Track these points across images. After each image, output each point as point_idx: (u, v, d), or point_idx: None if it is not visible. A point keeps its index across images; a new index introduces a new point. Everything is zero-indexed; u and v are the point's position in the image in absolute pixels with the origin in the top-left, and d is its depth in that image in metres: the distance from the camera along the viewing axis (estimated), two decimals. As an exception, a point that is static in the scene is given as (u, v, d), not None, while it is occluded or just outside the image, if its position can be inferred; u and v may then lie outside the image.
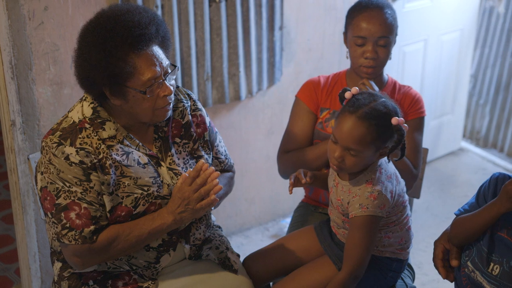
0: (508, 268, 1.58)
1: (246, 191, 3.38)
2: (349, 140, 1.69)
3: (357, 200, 1.75)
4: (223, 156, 1.99)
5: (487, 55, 4.32)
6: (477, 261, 1.64)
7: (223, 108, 3.07)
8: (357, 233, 1.75)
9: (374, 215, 1.74)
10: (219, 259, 1.92)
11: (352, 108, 1.71)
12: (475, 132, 4.52)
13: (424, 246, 3.05)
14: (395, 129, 1.71)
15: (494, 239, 1.62)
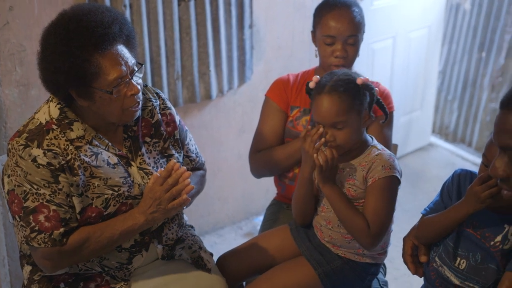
0: (474, 262, 1.60)
1: (219, 190, 3.38)
2: (330, 116, 1.74)
3: (378, 163, 1.76)
4: (194, 155, 1.99)
5: (455, 52, 4.40)
6: (444, 257, 1.67)
7: (194, 107, 3.06)
8: (381, 195, 1.75)
9: (397, 177, 1.76)
10: (192, 258, 1.92)
11: (319, 89, 1.77)
12: (444, 127, 4.59)
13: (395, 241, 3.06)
14: (363, 88, 1.77)
15: (460, 235, 1.64)
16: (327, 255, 1.91)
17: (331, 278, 1.89)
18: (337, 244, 1.89)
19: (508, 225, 1.56)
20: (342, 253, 1.89)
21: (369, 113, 1.81)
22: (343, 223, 1.80)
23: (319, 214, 1.93)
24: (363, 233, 1.75)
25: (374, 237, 1.75)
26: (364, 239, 1.77)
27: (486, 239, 1.59)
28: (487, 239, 1.59)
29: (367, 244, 1.78)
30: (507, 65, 4.06)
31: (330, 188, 1.79)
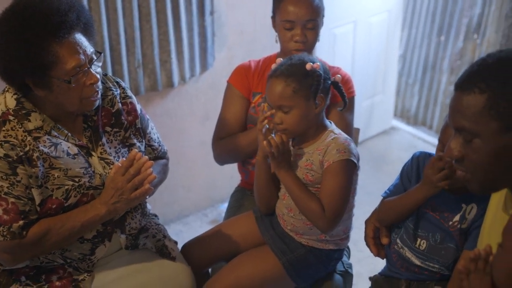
0: (434, 242, 1.64)
1: (183, 178, 3.36)
2: (275, 98, 1.76)
3: (333, 146, 1.77)
4: (156, 143, 1.97)
5: (414, 36, 4.45)
6: (405, 238, 1.70)
7: (156, 95, 3.03)
8: (335, 179, 1.76)
9: (352, 160, 1.77)
10: (156, 247, 1.91)
11: (271, 72, 1.80)
12: (405, 110, 4.65)
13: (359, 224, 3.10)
14: (311, 73, 1.77)
15: (419, 216, 1.67)
16: (290, 243, 1.92)
17: (296, 267, 1.91)
18: (300, 232, 1.91)
19: (465, 205, 1.60)
20: (305, 241, 1.91)
21: (324, 98, 1.81)
22: (298, 207, 1.82)
23: (280, 201, 1.94)
24: (318, 217, 1.77)
25: (330, 220, 1.77)
26: (319, 222, 1.78)
27: (445, 219, 1.62)
28: (446, 219, 1.62)
29: (323, 227, 1.79)
30: (465, 48, 4.14)
31: (284, 173, 1.80)
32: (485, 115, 1.23)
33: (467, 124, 1.26)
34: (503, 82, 1.21)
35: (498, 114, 1.22)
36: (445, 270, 1.65)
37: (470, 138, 1.27)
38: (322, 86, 1.80)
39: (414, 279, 1.70)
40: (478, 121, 1.24)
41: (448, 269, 1.64)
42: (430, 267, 1.66)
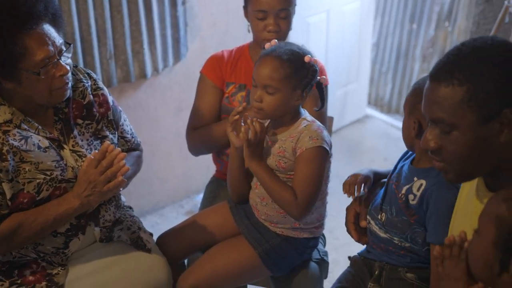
0: (390, 215, 1.67)
1: (158, 170, 3.35)
2: (265, 76, 1.74)
3: (306, 134, 1.77)
4: (129, 135, 1.96)
5: (387, 24, 4.48)
6: (372, 211, 1.73)
7: (129, 87, 3.00)
8: (308, 166, 1.76)
9: (324, 147, 1.78)
10: (131, 239, 1.90)
11: (268, 51, 1.79)
12: (379, 99, 4.69)
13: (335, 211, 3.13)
14: (308, 66, 1.78)
15: (388, 189, 1.70)
16: (265, 233, 1.93)
17: (271, 256, 1.91)
18: (274, 221, 1.91)
19: (417, 178, 1.62)
20: (280, 230, 1.92)
21: (306, 93, 1.81)
22: (271, 196, 1.82)
23: (253, 191, 1.94)
24: (290, 204, 1.77)
25: (302, 207, 1.77)
26: (292, 210, 1.79)
27: (399, 189, 1.66)
28: (399, 189, 1.66)
29: (295, 214, 1.80)
30: (437, 36, 4.18)
31: (257, 163, 1.80)
32: (463, 107, 1.22)
33: (445, 116, 1.25)
34: (481, 73, 1.21)
35: (477, 106, 1.21)
36: (404, 242, 1.67)
37: (448, 129, 1.26)
38: (311, 82, 1.81)
39: (385, 261, 1.72)
40: (456, 113, 1.23)
41: (407, 241, 1.66)
42: (391, 238, 1.69)
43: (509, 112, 1.20)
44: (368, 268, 1.77)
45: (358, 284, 1.76)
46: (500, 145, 1.23)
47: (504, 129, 1.22)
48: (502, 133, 1.22)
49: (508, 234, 1.06)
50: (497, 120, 1.21)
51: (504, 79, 1.20)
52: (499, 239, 1.07)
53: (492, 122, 1.22)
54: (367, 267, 1.78)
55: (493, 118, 1.21)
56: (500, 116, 1.21)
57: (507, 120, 1.21)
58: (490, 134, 1.23)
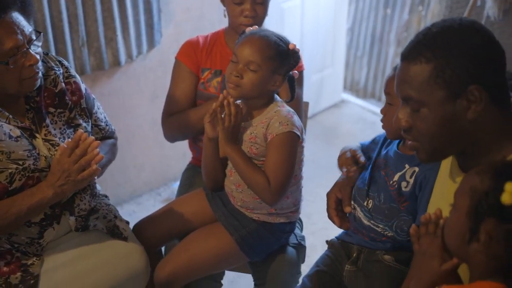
0: (378, 202, 1.68)
1: (134, 157, 3.32)
2: (250, 52, 1.74)
3: (276, 119, 1.78)
4: (103, 123, 1.93)
5: (362, 9, 4.48)
6: (357, 197, 1.74)
7: (102, 74, 2.97)
8: (278, 151, 1.77)
9: (295, 132, 1.78)
10: (107, 228, 1.89)
11: (254, 31, 1.80)
12: (355, 83, 4.71)
13: (312, 197, 3.16)
14: (292, 53, 1.79)
15: (373, 175, 1.71)
16: (242, 219, 1.93)
17: (248, 242, 1.92)
18: (250, 207, 1.92)
19: (408, 165, 1.63)
20: (256, 216, 1.92)
21: (282, 79, 1.81)
22: (244, 181, 1.83)
23: (228, 178, 1.94)
24: (264, 190, 1.78)
25: (275, 192, 1.78)
26: (265, 195, 1.79)
27: (389, 177, 1.66)
28: (389, 177, 1.66)
29: (269, 200, 1.80)
30: (411, 20, 4.20)
31: (232, 147, 1.80)
32: (431, 84, 1.25)
33: (414, 94, 1.27)
34: (448, 51, 1.23)
35: (445, 82, 1.24)
36: (388, 231, 1.69)
37: (417, 107, 1.28)
38: (291, 70, 1.82)
39: (364, 245, 1.74)
40: (425, 90, 1.26)
41: (391, 229, 1.68)
42: (375, 226, 1.70)
43: (475, 89, 1.23)
44: (346, 251, 1.79)
45: (335, 267, 1.78)
46: (468, 122, 1.26)
47: (471, 106, 1.24)
48: (469, 109, 1.25)
49: (479, 201, 1.08)
50: (464, 97, 1.24)
51: (470, 56, 1.23)
52: (472, 208, 1.10)
53: (460, 99, 1.24)
54: (345, 250, 1.79)
55: (460, 95, 1.24)
56: (467, 93, 1.23)
57: (473, 97, 1.23)
58: (458, 111, 1.25)
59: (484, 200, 1.07)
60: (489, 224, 1.07)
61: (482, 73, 1.23)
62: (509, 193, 1.04)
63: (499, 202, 1.05)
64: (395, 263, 1.69)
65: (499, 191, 1.06)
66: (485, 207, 1.07)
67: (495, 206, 1.06)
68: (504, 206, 1.05)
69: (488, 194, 1.07)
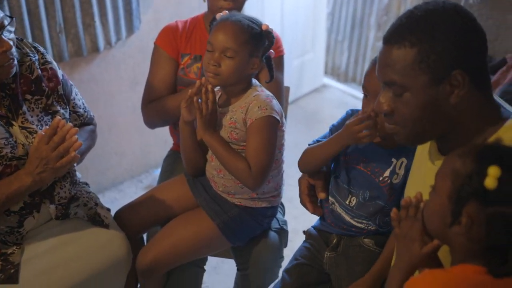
0: (363, 199, 1.68)
1: (116, 145, 3.30)
2: (225, 39, 1.73)
3: (255, 104, 1.77)
4: (82, 110, 1.91)
5: (342, -7, 4.48)
6: (335, 194, 1.73)
7: (81, 61, 2.93)
8: (258, 136, 1.76)
9: (274, 116, 1.78)
10: (88, 216, 1.87)
11: (226, 16, 1.79)
12: (336, 68, 4.71)
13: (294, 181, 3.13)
14: (265, 34, 1.79)
15: (351, 173, 1.70)
16: (224, 204, 1.93)
17: (230, 227, 1.92)
18: (232, 192, 1.91)
19: (396, 159, 1.64)
20: (238, 201, 1.92)
21: (260, 61, 1.81)
22: (225, 167, 1.82)
23: (209, 163, 1.93)
24: (245, 175, 1.78)
25: (256, 177, 1.78)
26: (247, 180, 1.79)
27: (376, 174, 1.66)
28: (377, 174, 1.66)
29: (251, 184, 1.80)
30: (391, 4, 4.20)
31: (210, 134, 1.80)
32: (415, 69, 1.23)
33: (397, 78, 1.26)
34: (432, 35, 1.22)
35: (428, 67, 1.23)
36: (372, 225, 1.70)
37: (400, 92, 1.27)
38: (268, 51, 1.81)
39: (344, 234, 1.75)
40: (408, 74, 1.24)
41: (375, 223, 1.69)
42: (358, 223, 1.70)
43: (458, 74, 1.22)
44: (324, 239, 1.78)
45: (314, 256, 1.77)
46: (451, 107, 1.25)
47: (454, 91, 1.24)
48: (452, 94, 1.24)
49: (462, 185, 1.08)
50: (447, 81, 1.23)
51: (454, 41, 1.22)
52: (453, 191, 1.10)
53: (443, 83, 1.23)
54: (323, 238, 1.79)
55: (443, 79, 1.23)
56: (450, 78, 1.23)
57: (456, 82, 1.23)
58: (441, 96, 1.24)
59: (467, 184, 1.07)
60: (471, 207, 1.07)
61: (465, 57, 1.22)
62: (492, 177, 1.04)
63: (483, 186, 1.05)
64: (375, 247, 1.70)
65: (482, 175, 1.05)
66: (468, 191, 1.07)
67: (478, 190, 1.06)
68: (487, 190, 1.05)
69: (471, 178, 1.07)
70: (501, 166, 1.04)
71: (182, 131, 1.89)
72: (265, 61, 1.86)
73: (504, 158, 1.07)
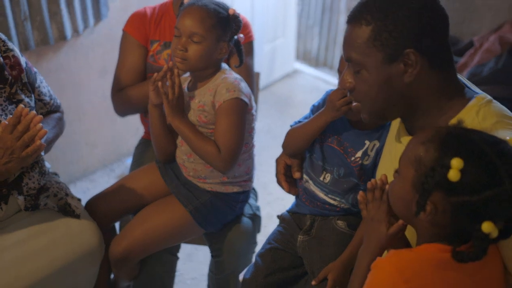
0: (337, 175, 1.69)
1: (86, 134, 3.26)
2: (192, 24, 1.73)
3: (223, 86, 1.77)
4: (48, 97, 1.88)
5: (311, -23, 4.47)
6: (309, 171, 1.74)
7: (48, 49, 2.87)
8: (227, 118, 1.77)
9: (242, 99, 1.77)
10: (58, 206, 1.85)
11: (193, 2, 1.78)
12: (307, 53, 4.71)
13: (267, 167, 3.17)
14: (232, 18, 1.79)
15: (326, 150, 1.71)
16: (195, 191, 1.92)
17: (202, 213, 1.91)
18: (202, 176, 1.91)
19: (368, 141, 1.65)
20: (209, 186, 1.92)
21: (228, 45, 1.81)
22: (195, 151, 1.82)
23: (179, 148, 1.93)
24: (214, 158, 1.78)
25: (226, 159, 1.78)
26: (217, 163, 1.79)
27: (348, 154, 1.67)
28: (349, 154, 1.67)
29: (221, 167, 1.80)
30: (361, -12, 4.20)
31: (179, 119, 1.80)
32: (370, 46, 1.26)
33: (354, 55, 1.29)
34: (386, 14, 1.25)
35: (382, 45, 1.25)
36: (345, 203, 1.71)
37: (358, 69, 1.31)
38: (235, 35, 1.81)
39: (317, 214, 1.75)
40: (364, 52, 1.28)
41: (348, 202, 1.70)
42: (332, 199, 1.71)
43: (411, 53, 1.24)
44: (298, 222, 1.79)
45: (287, 240, 1.77)
46: (405, 85, 1.28)
47: (408, 69, 1.26)
48: (406, 73, 1.26)
49: (425, 177, 1.09)
50: (401, 60, 1.25)
51: (407, 20, 1.24)
52: (417, 180, 1.11)
53: (397, 62, 1.26)
54: (297, 222, 1.79)
55: (397, 58, 1.26)
56: (403, 57, 1.25)
57: (410, 61, 1.25)
58: (394, 74, 1.27)
59: (430, 176, 1.08)
60: (435, 197, 1.09)
61: (419, 37, 1.24)
62: (455, 170, 1.05)
63: (446, 179, 1.06)
64: (348, 229, 1.71)
65: (446, 167, 1.06)
66: (432, 183, 1.08)
67: (442, 182, 1.07)
68: (451, 182, 1.06)
69: (434, 170, 1.08)
70: (463, 157, 1.05)
71: (151, 115, 1.88)
72: (234, 45, 1.85)
73: (466, 148, 1.08)
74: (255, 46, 2.21)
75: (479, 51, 3.06)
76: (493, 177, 1.05)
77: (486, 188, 1.05)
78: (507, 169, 1.06)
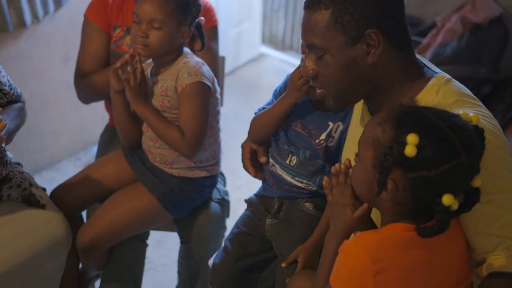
0: (303, 158, 1.70)
1: (50, 123, 3.20)
2: (151, 10, 1.71)
3: (184, 70, 1.76)
4: (7, 87, 1.84)
5: (276, -40, 4.44)
6: (275, 155, 1.75)
7: (7, 36, 2.80)
8: (190, 102, 1.76)
9: (204, 83, 1.77)
10: (22, 197, 1.82)
11: None
12: (273, 36, 4.70)
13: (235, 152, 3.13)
14: (192, 2, 1.78)
15: (290, 134, 1.72)
16: (162, 176, 1.91)
17: (170, 198, 1.91)
18: (169, 161, 1.90)
19: (332, 123, 1.66)
20: (176, 172, 1.91)
21: (189, 29, 1.79)
22: (159, 137, 1.82)
23: (145, 134, 1.91)
24: (179, 143, 1.78)
25: (191, 144, 1.78)
26: (182, 148, 1.79)
27: (312, 137, 1.68)
28: (313, 137, 1.67)
29: (186, 151, 1.80)
30: (325, -30, 4.20)
31: (142, 105, 1.79)
32: (331, 30, 1.26)
33: (316, 41, 1.28)
34: None
35: (343, 28, 1.25)
36: (312, 185, 1.72)
37: (320, 54, 1.30)
38: (196, 19, 1.79)
39: (285, 197, 1.76)
40: (325, 36, 1.27)
41: (315, 184, 1.71)
42: (299, 182, 1.72)
43: (373, 33, 1.25)
44: (266, 206, 1.79)
45: (255, 224, 1.78)
46: (369, 66, 1.28)
47: (371, 50, 1.26)
48: (369, 54, 1.27)
49: (384, 155, 1.11)
50: (363, 41, 1.26)
51: (366, 1, 1.24)
52: (377, 160, 1.12)
53: (359, 43, 1.26)
54: (264, 205, 1.80)
55: (359, 39, 1.26)
56: (365, 38, 1.25)
57: (372, 41, 1.25)
58: (358, 56, 1.27)
59: (388, 154, 1.10)
60: (395, 174, 1.11)
61: (379, 17, 1.24)
62: (412, 145, 1.07)
63: (403, 155, 1.08)
64: (316, 211, 1.72)
65: (402, 144, 1.08)
66: (390, 161, 1.10)
67: (400, 159, 1.09)
68: (408, 157, 1.08)
69: (392, 148, 1.09)
70: (418, 133, 1.07)
71: (114, 101, 1.87)
72: (196, 28, 1.84)
73: (420, 123, 1.10)
74: (220, 30, 2.20)
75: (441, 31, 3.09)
76: (449, 150, 1.08)
77: (443, 162, 1.07)
78: (462, 142, 1.08)
